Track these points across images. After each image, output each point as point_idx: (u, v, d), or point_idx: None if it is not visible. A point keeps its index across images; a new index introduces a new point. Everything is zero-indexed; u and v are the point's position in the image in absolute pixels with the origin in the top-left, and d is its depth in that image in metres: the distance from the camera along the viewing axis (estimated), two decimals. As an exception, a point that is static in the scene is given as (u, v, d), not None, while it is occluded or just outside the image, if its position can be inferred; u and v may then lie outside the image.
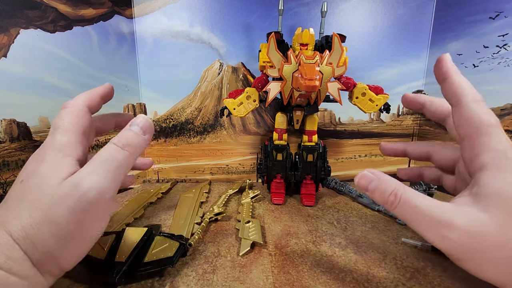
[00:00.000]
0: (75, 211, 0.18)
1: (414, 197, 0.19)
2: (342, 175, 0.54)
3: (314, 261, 0.28)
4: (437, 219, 0.18)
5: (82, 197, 0.18)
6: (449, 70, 0.21)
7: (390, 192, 0.20)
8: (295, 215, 0.38)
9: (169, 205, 0.41)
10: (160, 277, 0.25)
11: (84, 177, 0.19)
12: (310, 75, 0.30)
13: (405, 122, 0.53)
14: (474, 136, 0.19)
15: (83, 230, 0.19)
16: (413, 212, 0.19)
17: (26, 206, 0.18)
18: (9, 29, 0.31)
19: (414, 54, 0.50)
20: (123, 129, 0.22)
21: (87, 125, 0.23)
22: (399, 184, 0.20)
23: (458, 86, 0.21)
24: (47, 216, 0.18)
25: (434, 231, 0.18)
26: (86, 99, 0.23)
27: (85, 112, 0.23)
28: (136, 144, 0.22)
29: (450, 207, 0.18)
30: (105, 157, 0.20)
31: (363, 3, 0.47)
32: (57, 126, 0.21)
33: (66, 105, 0.22)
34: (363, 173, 0.21)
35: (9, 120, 0.32)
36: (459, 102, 0.20)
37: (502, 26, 0.39)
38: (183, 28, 0.48)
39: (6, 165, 0.32)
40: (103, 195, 0.19)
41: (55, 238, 0.18)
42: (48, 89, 0.36)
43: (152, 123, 0.23)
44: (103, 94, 0.25)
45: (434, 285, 0.24)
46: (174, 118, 0.51)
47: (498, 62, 0.40)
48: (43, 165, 0.19)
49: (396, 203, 0.20)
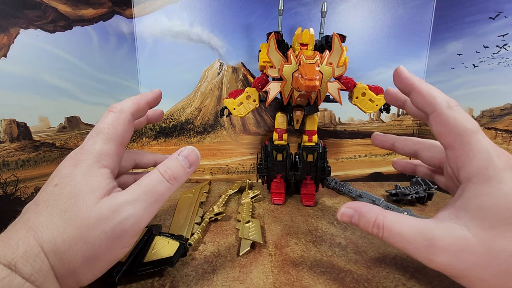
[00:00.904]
0: (109, 237, 0.18)
1: (396, 224, 0.19)
2: (342, 175, 0.54)
3: (314, 261, 0.28)
4: (422, 244, 0.18)
5: (120, 225, 0.18)
6: (412, 80, 0.20)
7: (372, 225, 0.20)
8: (295, 215, 0.38)
9: (169, 205, 0.41)
10: (160, 277, 0.25)
11: (126, 204, 0.19)
12: (310, 75, 0.30)
13: (405, 122, 0.53)
14: (456, 146, 0.19)
15: (110, 254, 0.19)
16: (398, 240, 0.19)
17: (60, 217, 0.18)
18: (9, 29, 0.31)
19: (414, 54, 0.50)
20: (171, 158, 0.22)
21: (129, 133, 0.22)
22: (378, 212, 0.20)
23: (427, 94, 0.19)
24: (81, 236, 0.17)
25: (422, 256, 0.18)
26: (133, 104, 0.23)
27: (129, 120, 0.22)
28: (180, 178, 0.21)
29: (432, 226, 0.18)
30: (150, 188, 0.20)
31: (363, 3, 0.47)
32: (100, 131, 0.21)
33: (113, 108, 0.22)
34: (342, 211, 0.22)
35: (9, 120, 0.32)
36: (433, 111, 0.19)
37: (502, 26, 0.39)
38: (183, 28, 0.48)
39: (6, 165, 0.32)
40: (139, 225, 0.19)
41: (83, 258, 0.18)
42: (48, 89, 0.36)
43: (199, 156, 0.23)
44: (151, 100, 0.24)
45: (434, 285, 0.24)
46: (174, 118, 0.51)
47: (498, 62, 0.40)
48: (79, 173, 0.19)
49: (381, 234, 0.20)
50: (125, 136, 0.22)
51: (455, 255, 0.17)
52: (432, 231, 0.18)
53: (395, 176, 0.54)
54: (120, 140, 0.21)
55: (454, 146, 0.19)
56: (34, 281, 0.16)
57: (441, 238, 0.17)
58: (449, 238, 0.17)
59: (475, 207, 0.17)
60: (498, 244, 0.16)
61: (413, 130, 0.53)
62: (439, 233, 0.17)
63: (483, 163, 0.17)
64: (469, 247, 0.16)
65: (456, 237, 0.17)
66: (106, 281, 0.23)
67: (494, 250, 0.16)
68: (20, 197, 0.34)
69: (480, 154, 0.18)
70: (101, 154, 0.20)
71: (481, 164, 0.17)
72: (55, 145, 0.37)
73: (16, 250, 0.16)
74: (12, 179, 0.33)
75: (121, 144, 0.22)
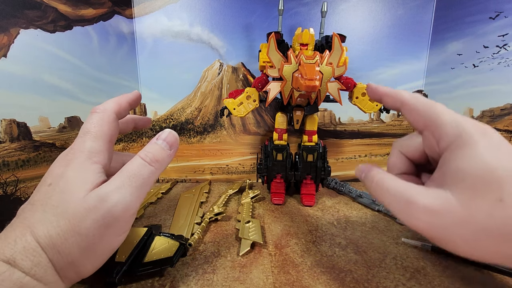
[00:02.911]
0: (101, 225, 0.19)
1: (387, 180, 0.20)
2: (342, 175, 0.54)
3: (314, 261, 0.28)
4: (404, 200, 0.18)
5: (109, 212, 0.19)
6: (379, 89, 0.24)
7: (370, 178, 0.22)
8: (295, 215, 0.38)
9: (169, 205, 0.41)
10: (160, 277, 0.25)
11: (112, 191, 0.19)
12: (310, 75, 0.30)
13: (405, 122, 0.53)
14: (428, 124, 0.20)
15: (106, 242, 0.20)
16: (384, 193, 0.20)
17: (53, 212, 0.18)
18: (9, 29, 0.31)
19: (414, 54, 0.50)
20: (150, 143, 0.22)
21: (115, 132, 0.23)
22: (380, 170, 0.22)
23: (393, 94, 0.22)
24: (74, 228, 0.18)
25: (404, 212, 0.19)
26: (115, 105, 0.24)
27: (114, 118, 0.23)
28: (162, 160, 0.22)
29: (418, 189, 0.19)
30: (133, 173, 0.20)
31: (363, 3, 0.47)
32: (87, 131, 0.21)
33: (96, 109, 0.23)
34: (358, 166, 0.24)
35: (9, 120, 0.32)
36: (402, 105, 0.22)
37: (502, 26, 0.39)
38: (183, 28, 0.48)
39: (6, 165, 0.32)
40: (128, 211, 0.20)
41: (80, 249, 0.18)
42: (48, 89, 0.36)
43: (178, 138, 0.24)
44: (131, 101, 0.25)
45: (434, 285, 0.24)
46: (174, 118, 0.51)
47: (498, 62, 0.40)
48: (71, 170, 0.20)
49: (371, 184, 0.21)
50: (112, 134, 0.22)
51: (435, 214, 0.17)
52: (415, 190, 0.19)
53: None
54: (108, 138, 0.22)
55: (427, 125, 0.20)
56: (34, 275, 0.17)
57: (423, 197, 0.18)
58: (430, 198, 0.18)
59: (454, 169, 0.18)
60: (475, 203, 0.16)
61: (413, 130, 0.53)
62: (422, 193, 0.18)
63: (455, 130, 0.18)
64: (450, 208, 0.17)
65: (438, 197, 0.17)
66: (106, 281, 0.23)
67: (472, 209, 0.16)
68: (20, 197, 0.34)
69: (450, 123, 0.19)
70: (92, 151, 0.21)
71: (454, 130, 0.18)
72: (55, 145, 0.37)
73: (14, 247, 0.17)
74: (12, 179, 0.33)
75: (109, 141, 0.22)
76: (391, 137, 0.53)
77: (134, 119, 0.29)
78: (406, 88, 0.51)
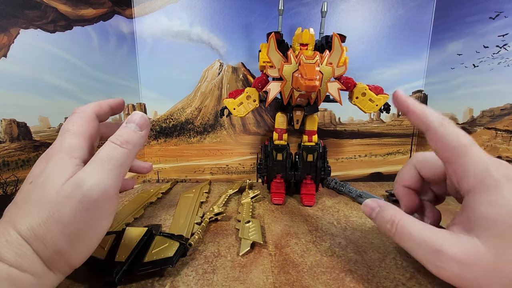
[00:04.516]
0: (80, 210, 0.19)
1: (410, 225, 0.19)
2: (342, 175, 0.54)
3: (314, 261, 0.28)
4: (431, 248, 0.18)
5: (85, 197, 0.19)
6: (407, 103, 0.22)
7: (387, 220, 0.20)
8: (295, 215, 0.38)
9: (169, 205, 0.41)
10: (160, 277, 0.25)
11: (85, 176, 0.19)
12: (310, 75, 0.30)
13: (405, 122, 0.53)
14: (452, 160, 0.19)
15: (89, 228, 0.20)
16: (409, 240, 0.19)
17: (34, 206, 0.18)
18: (9, 29, 0.31)
19: (414, 54, 0.50)
20: (120, 127, 0.23)
21: (94, 130, 0.24)
22: (398, 212, 0.21)
23: (420, 114, 0.21)
24: (54, 216, 0.18)
25: (431, 262, 0.18)
26: (95, 106, 0.24)
27: (93, 118, 0.24)
28: (134, 141, 0.22)
29: (444, 235, 0.18)
30: (105, 156, 0.21)
31: (363, 3, 0.47)
32: (66, 129, 0.22)
33: (76, 110, 0.23)
34: (366, 202, 0.23)
35: (9, 120, 0.32)
36: (428, 129, 0.21)
37: (502, 26, 0.39)
38: (183, 28, 0.48)
39: (6, 165, 0.32)
40: (106, 193, 0.20)
41: (64, 237, 0.18)
42: (48, 89, 0.36)
43: (147, 119, 0.24)
44: (113, 105, 0.26)
45: (434, 285, 0.24)
46: (174, 118, 0.51)
47: (498, 62, 0.40)
48: (51, 166, 0.20)
49: (393, 231, 0.20)
50: (91, 131, 0.23)
51: (465, 265, 0.16)
52: (443, 238, 0.18)
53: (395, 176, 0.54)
54: (87, 135, 0.22)
55: (451, 160, 0.20)
56: (20, 266, 0.17)
57: (451, 246, 0.17)
58: (459, 248, 0.17)
59: (481, 216, 0.17)
60: (506, 252, 0.16)
61: (413, 130, 0.53)
62: (450, 242, 0.17)
63: (481, 173, 0.18)
64: (480, 258, 0.16)
65: (467, 246, 0.17)
66: (106, 281, 0.23)
67: (502, 258, 0.16)
68: (20, 197, 0.34)
69: (476, 165, 0.18)
70: (71, 148, 0.21)
71: (479, 174, 0.18)
72: (55, 145, 0.37)
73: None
74: (12, 179, 0.33)
75: (89, 138, 0.23)
76: (391, 137, 0.53)
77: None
78: (406, 88, 0.51)
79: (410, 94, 0.51)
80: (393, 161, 0.54)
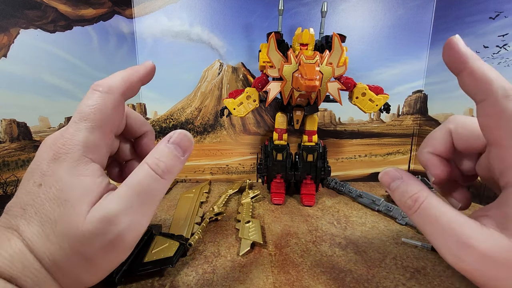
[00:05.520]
0: (109, 249, 0.16)
1: (436, 207, 0.17)
2: (342, 175, 0.54)
3: (314, 261, 0.28)
4: (456, 238, 0.16)
5: (118, 237, 0.16)
6: (466, 57, 0.16)
7: (410, 195, 0.18)
8: (295, 215, 0.38)
9: (169, 205, 0.41)
10: (160, 277, 0.25)
11: (120, 213, 0.16)
12: (310, 75, 0.30)
13: (405, 122, 0.53)
14: (505, 144, 0.15)
15: (112, 261, 0.18)
16: (431, 223, 0.17)
17: (51, 229, 0.16)
18: (9, 29, 0.31)
19: (414, 54, 0.50)
20: (159, 146, 0.18)
21: (119, 121, 0.19)
22: (424, 189, 0.18)
23: (481, 77, 0.16)
24: (78, 251, 0.16)
25: (451, 251, 0.16)
26: (124, 82, 0.19)
27: (120, 102, 0.18)
28: (174, 170, 0.18)
29: (473, 226, 0.16)
30: (142, 188, 0.17)
31: (363, 3, 0.47)
32: (84, 116, 0.17)
33: (99, 86, 0.18)
34: (387, 170, 0.19)
35: (9, 120, 0.32)
36: (485, 99, 0.16)
37: (502, 26, 0.39)
38: (183, 28, 0.48)
39: (6, 165, 0.32)
40: (138, 232, 0.18)
41: (85, 268, 0.17)
42: (48, 89, 0.36)
43: (192, 139, 0.20)
44: (143, 77, 0.20)
45: (434, 285, 0.24)
46: (174, 118, 0.51)
47: (498, 62, 0.40)
48: (65, 171, 0.16)
49: (415, 209, 0.17)
50: (115, 123, 0.19)
51: (491, 262, 0.15)
52: (473, 231, 0.16)
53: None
54: (109, 128, 0.18)
55: (502, 143, 0.15)
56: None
57: (481, 242, 0.15)
58: (490, 244, 0.15)
59: None
60: None
61: (413, 130, 0.53)
62: (480, 235, 0.15)
63: None
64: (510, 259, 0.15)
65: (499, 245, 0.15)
66: (106, 281, 0.23)
67: None
68: (20, 197, 0.34)
69: None
70: (87, 146, 0.17)
71: None
72: (55, 145, 0.37)
73: (12, 264, 0.15)
74: (13, 179, 0.33)
75: (110, 132, 0.19)
76: (391, 137, 0.53)
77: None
78: (406, 88, 0.51)
79: (410, 94, 0.52)
80: (393, 161, 0.54)
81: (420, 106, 0.52)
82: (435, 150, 0.22)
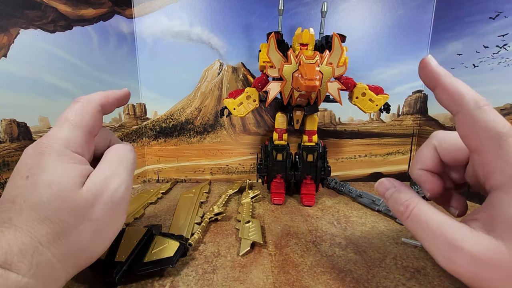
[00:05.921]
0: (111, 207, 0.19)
1: (426, 212, 0.18)
2: (342, 175, 0.54)
3: (314, 261, 0.28)
4: (447, 241, 0.16)
5: (112, 197, 0.19)
6: (438, 75, 0.18)
7: (402, 202, 0.19)
8: (295, 215, 0.38)
9: (169, 205, 0.41)
10: (160, 277, 0.25)
11: (110, 177, 0.20)
12: (310, 75, 0.30)
13: (405, 122, 0.53)
14: (485, 150, 0.16)
15: (114, 223, 0.21)
16: (422, 228, 0.18)
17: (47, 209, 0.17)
18: (9, 29, 0.31)
19: (414, 54, 0.50)
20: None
21: (97, 125, 0.22)
22: (415, 196, 0.19)
23: (453, 92, 0.17)
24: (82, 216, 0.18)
25: (443, 254, 0.17)
26: (102, 97, 0.22)
27: (98, 110, 0.21)
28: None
29: (462, 230, 0.16)
30: (122, 158, 0.22)
31: (363, 3, 0.47)
32: (66, 119, 0.20)
33: (80, 99, 0.21)
34: (382, 180, 0.22)
35: (9, 120, 0.32)
36: (459, 112, 0.17)
37: (502, 26, 0.39)
38: (183, 28, 0.48)
39: (6, 165, 0.32)
40: (128, 192, 0.21)
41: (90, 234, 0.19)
42: (48, 89, 0.36)
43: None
44: (119, 98, 0.24)
45: (434, 285, 0.24)
46: (174, 118, 0.51)
47: (498, 62, 0.40)
48: (50, 160, 0.18)
49: (407, 215, 0.18)
50: (94, 125, 0.21)
51: (482, 264, 0.15)
52: (461, 232, 0.16)
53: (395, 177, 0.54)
54: (89, 129, 0.20)
55: (482, 150, 0.17)
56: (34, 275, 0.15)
57: (470, 243, 0.16)
58: (478, 246, 0.16)
59: (509, 218, 0.15)
60: None
61: (413, 130, 0.53)
62: (469, 238, 0.16)
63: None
64: (500, 260, 0.15)
65: (487, 246, 0.15)
66: (106, 281, 0.23)
67: None
68: (20, 197, 0.33)
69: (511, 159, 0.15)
70: (69, 141, 0.19)
71: None
72: (55, 145, 0.37)
73: (9, 250, 0.15)
74: (12, 179, 0.33)
75: (90, 133, 0.21)
76: (391, 137, 0.53)
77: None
78: (406, 88, 0.51)
79: (410, 94, 0.52)
80: (393, 161, 0.54)
81: (420, 106, 0.52)
82: (425, 166, 0.23)
